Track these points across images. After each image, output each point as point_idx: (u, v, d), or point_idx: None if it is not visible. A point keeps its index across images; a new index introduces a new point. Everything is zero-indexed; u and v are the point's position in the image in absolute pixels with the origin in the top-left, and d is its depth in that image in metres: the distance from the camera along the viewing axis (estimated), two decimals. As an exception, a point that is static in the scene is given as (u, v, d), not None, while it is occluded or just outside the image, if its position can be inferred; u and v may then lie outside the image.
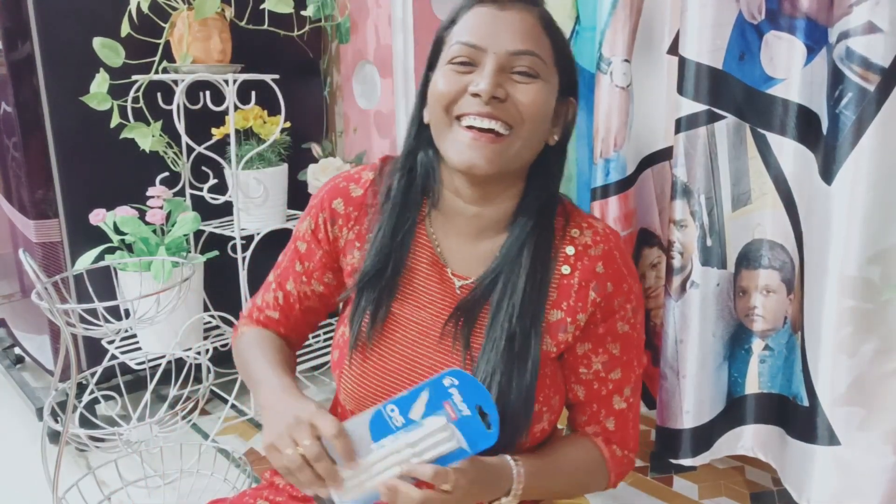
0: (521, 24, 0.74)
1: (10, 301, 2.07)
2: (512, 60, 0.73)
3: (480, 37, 0.73)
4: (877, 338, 1.00)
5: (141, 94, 1.65)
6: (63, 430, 1.25)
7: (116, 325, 1.34)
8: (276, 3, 1.67)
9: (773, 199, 1.15)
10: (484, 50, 0.73)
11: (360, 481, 0.67)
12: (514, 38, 0.73)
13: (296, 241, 0.90)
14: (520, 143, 0.75)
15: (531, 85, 0.74)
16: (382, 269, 0.80)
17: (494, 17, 0.74)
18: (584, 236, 0.82)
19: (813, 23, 1.05)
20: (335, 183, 0.87)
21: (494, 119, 0.73)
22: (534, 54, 0.74)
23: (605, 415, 0.84)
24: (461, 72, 0.74)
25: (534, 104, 0.74)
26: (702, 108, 1.10)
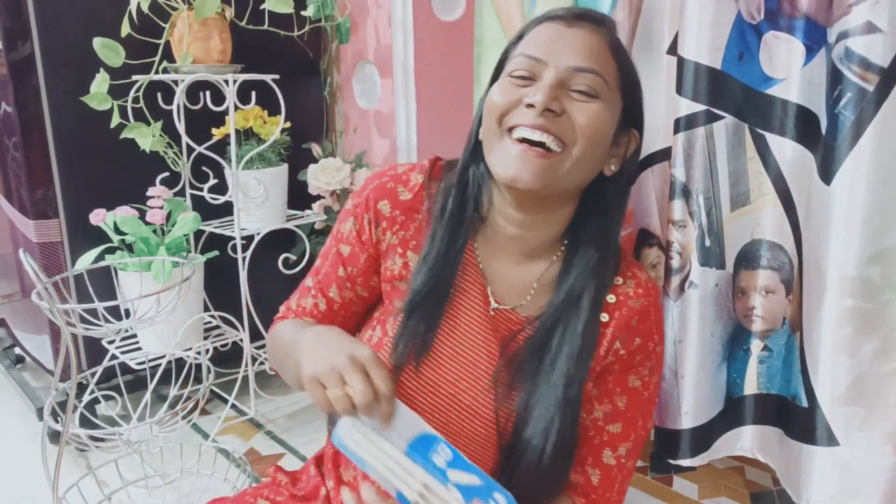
0: (586, 42, 0.72)
1: (11, 301, 2.08)
2: (573, 77, 0.71)
3: (543, 50, 0.72)
4: (877, 338, 1.00)
5: (141, 94, 1.66)
6: (63, 429, 1.25)
7: (116, 325, 1.35)
8: (276, 3, 1.67)
9: (772, 199, 1.15)
10: (545, 63, 0.71)
11: (365, 444, 0.65)
12: (577, 54, 0.71)
13: (339, 243, 0.85)
14: (570, 162, 0.72)
15: (590, 104, 0.71)
16: (434, 290, 0.77)
17: (561, 32, 0.72)
18: (626, 286, 0.79)
19: (812, 23, 1.05)
20: (381, 182, 0.82)
21: (547, 132, 0.70)
22: (596, 73, 0.71)
23: (591, 463, 0.80)
24: (519, 84, 0.72)
25: (590, 124, 0.71)
26: (701, 108, 1.10)
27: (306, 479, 0.92)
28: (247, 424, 1.83)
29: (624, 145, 0.79)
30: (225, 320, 1.72)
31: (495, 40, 1.48)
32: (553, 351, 0.75)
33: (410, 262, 0.80)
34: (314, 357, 0.66)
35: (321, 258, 0.88)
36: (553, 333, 0.76)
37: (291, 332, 0.80)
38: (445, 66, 1.81)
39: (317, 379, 0.64)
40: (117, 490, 1.43)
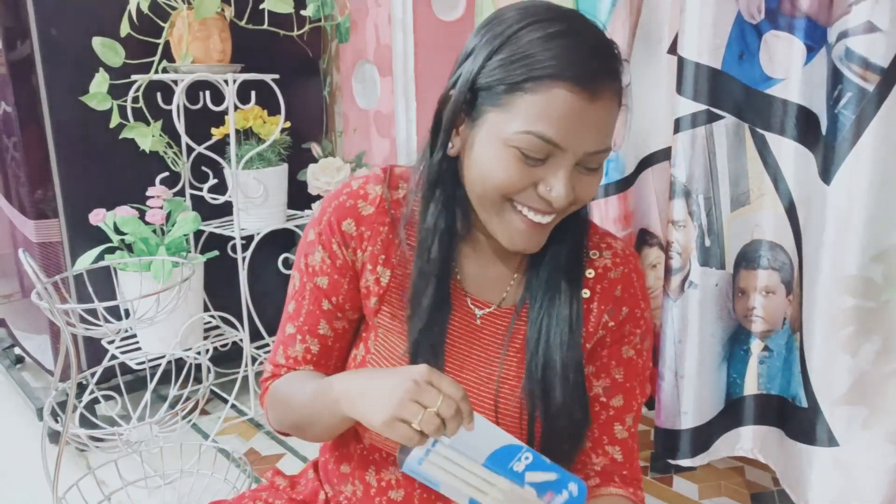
0: (606, 118, 0.65)
1: (10, 301, 2.08)
2: (588, 158, 0.66)
3: (564, 137, 0.63)
4: (878, 337, 1.00)
5: (141, 93, 1.66)
6: (63, 429, 1.25)
7: (116, 325, 1.35)
8: (276, 3, 1.67)
9: (772, 199, 1.14)
10: (563, 150, 0.64)
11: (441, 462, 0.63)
12: (598, 136, 0.65)
13: (313, 277, 0.80)
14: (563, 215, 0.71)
15: (594, 177, 0.68)
16: (429, 316, 0.75)
17: (583, 111, 0.62)
18: (603, 258, 0.78)
19: (812, 22, 1.05)
20: (340, 202, 0.78)
21: (553, 214, 0.68)
22: (608, 150, 0.67)
23: (608, 442, 0.80)
24: (531, 164, 0.65)
25: (593, 195, 0.70)
26: (701, 108, 1.10)
27: (305, 483, 0.92)
28: (247, 424, 1.83)
29: None
30: (225, 320, 1.72)
31: (495, 40, 1.47)
32: (546, 337, 0.75)
33: (381, 276, 0.77)
34: (377, 400, 0.62)
35: (294, 300, 0.82)
36: (541, 321, 0.75)
37: (302, 387, 0.77)
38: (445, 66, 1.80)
39: (395, 418, 0.60)
40: (117, 490, 1.43)
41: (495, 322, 0.79)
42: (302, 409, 0.75)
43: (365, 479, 0.82)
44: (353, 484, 0.83)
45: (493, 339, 0.78)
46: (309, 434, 0.78)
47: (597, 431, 0.80)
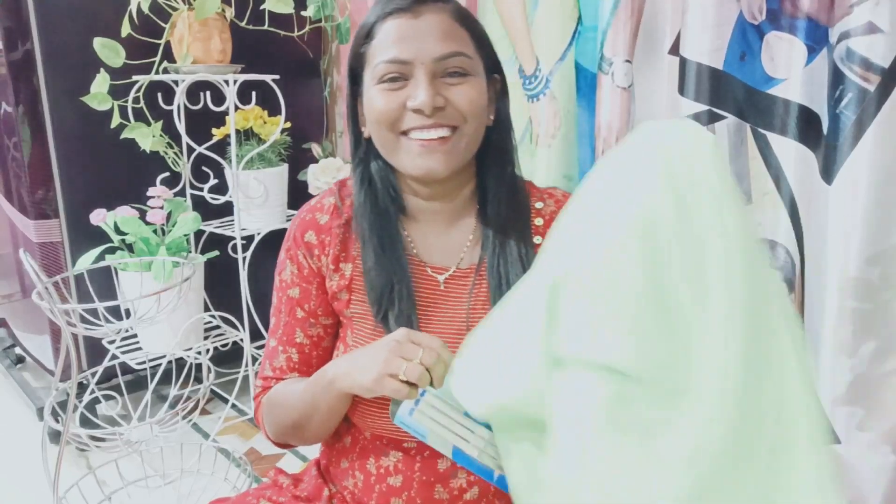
0: (439, 27, 0.74)
1: (11, 301, 2.07)
2: (441, 65, 0.74)
3: (403, 50, 0.73)
4: (877, 338, 1.01)
5: (141, 94, 1.66)
6: (64, 429, 1.25)
7: (117, 325, 1.35)
8: (277, 4, 1.67)
9: (774, 198, 1.15)
10: (411, 63, 0.74)
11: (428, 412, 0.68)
12: (436, 43, 0.74)
13: (286, 291, 0.86)
14: (465, 139, 0.77)
15: (465, 84, 0.75)
16: (391, 286, 0.80)
17: (411, 26, 0.74)
18: (548, 206, 0.86)
19: (814, 23, 1.06)
20: (301, 218, 0.86)
21: (439, 127, 0.75)
22: (459, 53, 0.75)
23: None
24: (394, 88, 0.75)
25: (472, 102, 0.76)
26: (703, 108, 1.11)
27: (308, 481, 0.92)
28: (247, 424, 1.83)
29: (493, 93, 0.83)
30: (225, 320, 1.72)
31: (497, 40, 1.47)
32: (506, 280, 0.80)
33: (345, 271, 0.83)
34: (365, 364, 0.68)
35: (274, 316, 0.88)
36: (498, 268, 0.81)
37: (293, 387, 0.82)
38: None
39: (383, 374, 0.65)
40: (117, 490, 1.43)
41: (458, 283, 0.83)
42: (298, 404, 0.80)
43: (365, 467, 0.84)
44: (353, 476, 0.85)
45: (459, 298, 0.83)
46: (308, 430, 0.82)
47: None
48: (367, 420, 0.81)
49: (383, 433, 0.81)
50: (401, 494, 0.82)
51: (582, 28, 1.37)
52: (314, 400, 0.77)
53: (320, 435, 0.84)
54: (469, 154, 0.79)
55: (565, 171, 1.43)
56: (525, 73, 1.45)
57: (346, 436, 0.87)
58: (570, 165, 1.44)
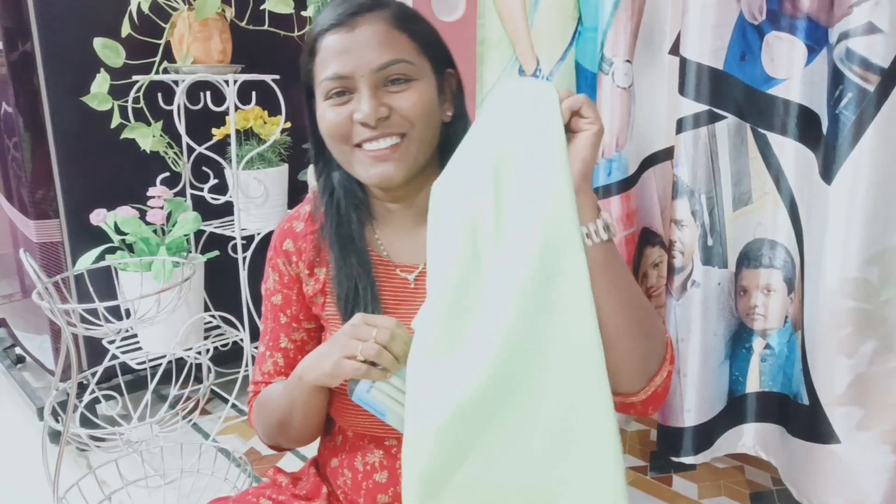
0: (374, 37, 0.75)
1: (11, 301, 2.07)
2: (381, 75, 0.75)
3: (342, 65, 0.75)
4: (876, 338, 1.01)
5: (141, 94, 1.65)
6: (64, 429, 1.25)
7: (117, 325, 1.34)
8: (277, 4, 1.67)
9: (774, 198, 1.15)
10: (351, 76, 0.75)
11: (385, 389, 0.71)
12: (373, 53, 0.74)
13: (269, 298, 0.90)
14: (417, 142, 0.77)
15: (408, 91, 0.76)
16: (355, 288, 0.82)
17: (347, 40, 0.75)
18: None
19: (813, 23, 1.06)
20: (280, 228, 0.90)
21: (387, 136, 0.76)
22: (398, 60, 0.75)
23: None
24: (340, 103, 0.76)
25: (416, 106, 0.76)
26: (703, 108, 1.11)
27: (306, 479, 0.93)
28: (247, 424, 1.83)
29: (448, 88, 0.83)
30: (225, 320, 1.72)
31: (497, 41, 1.48)
32: None
33: (319, 275, 0.86)
34: (325, 353, 0.72)
35: (262, 324, 0.92)
36: None
37: (276, 388, 0.85)
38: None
39: (341, 356, 0.69)
40: (118, 490, 1.43)
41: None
42: (279, 404, 0.82)
43: (353, 465, 0.86)
44: (343, 474, 0.88)
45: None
46: (292, 429, 0.83)
47: None
48: (347, 418, 0.83)
49: (364, 431, 0.83)
50: (387, 490, 0.83)
51: (582, 28, 1.37)
52: (291, 398, 0.80)
53: (304, 434, 0.85)
54: (423, 156, 0.80)
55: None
56: (525, 73, 1.45)
57: (338, 435, 0.90)
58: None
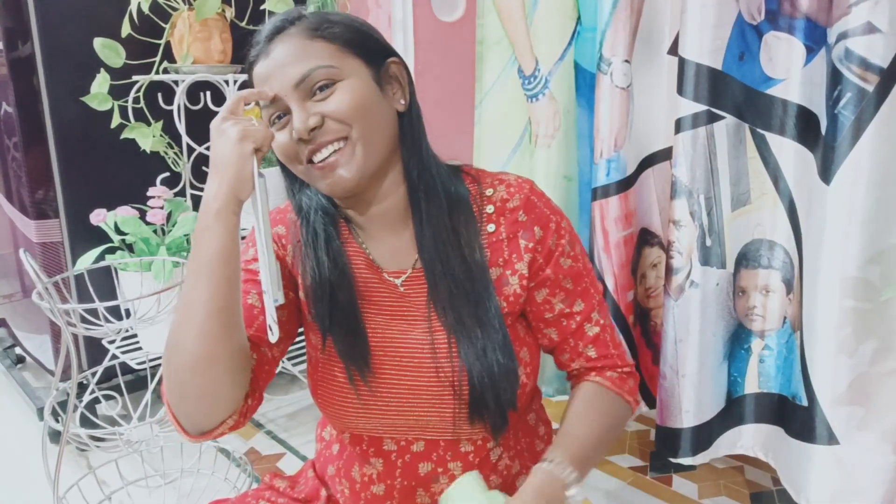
0: (287, 54, 0.75)
1: (11, 301, 2.07)
2: (302, 88, 0.74)
3: (269, 87, 0.75)
4: (876, 338, 1.01)
5: (141, 94, 1.66)
6: (64, 429, 1.25)
7: (117, 325, 1.35)
8: (277, 4, 1.67)
9: (773, 199, 1.15)
10: (279, 98, 0.75)
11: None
12: (288, 70, 0.74)
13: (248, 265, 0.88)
14: (360, 141, 0.76)
15: (335, 93, 0.75)
16: (331, 292, 0.81)
17: (267, 66, 0.75)
18: (498, 192, 0.83)
19: (812, 23, 1.06)
20: (273, 217, 0.92)
21: (326, 144, 0.75)
22: (315, 68, 0.74)
23: (583, 346, 0.85)
24: (283, 125, 0.76)
25: (347, 105, 0.75)
26: (701, 108, 1.11)
27: (304, 482, 0.93)
28: (247, 424, 1.83)
29: (396, 78, 0.81)
30: (225, 320, 1.71)
31: (496, 40, 1.48)
32: (449, 289, 0.79)
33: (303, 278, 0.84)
34: (222, 153, 0.72)
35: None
36: (434, 267, 0.80)
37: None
38: (445, 66, 1.81)
39: (238, 137, 0.71)
40: (118, 490, 1.44)
41: (417, 284, 0.82)
42: (182, 299, 0.73)
43: (350, 475, 0.85)
44: (340, 483, 0.87)
45: (420, 299, 0.82)
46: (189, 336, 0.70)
47: (571, 341, 0.85)
48: (343, 419, 0.82)
49: (362, 432, 0.83)
50: (384, 503, 0.83)
51: (581, 28, 1.37)
52: (195, 267, 0.71)
53: (209, 339, 0.70)
54: (375, 152, 0.77)
55: (565, 172, 1.43)
56: (524, 73, 1.45)
57: (335, 444, 0.88)
58: (570, 166, 1.44)
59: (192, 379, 0.71)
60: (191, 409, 0.73)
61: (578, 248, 0.85)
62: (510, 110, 1.48)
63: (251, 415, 0.78)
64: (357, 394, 0.80)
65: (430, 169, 0.82)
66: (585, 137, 1.41)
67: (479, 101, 1.53)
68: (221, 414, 0.74)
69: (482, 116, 1.53)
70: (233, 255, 0.71)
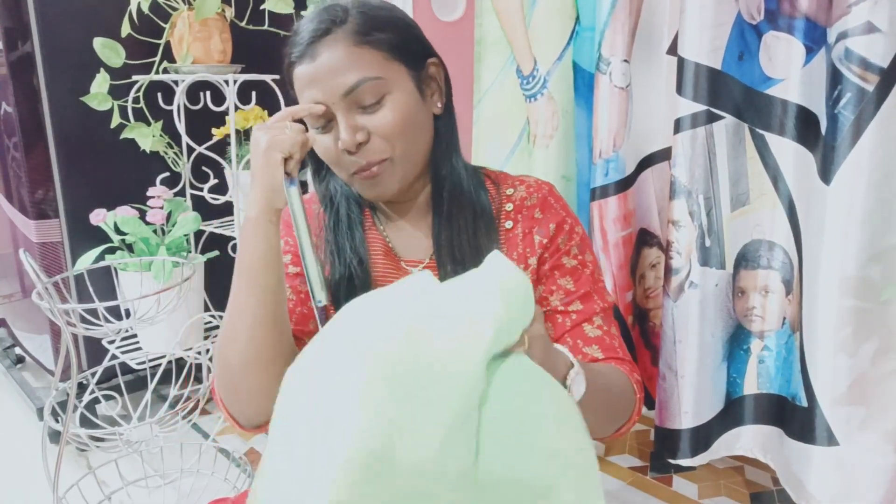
0: (335, 62, 0.73)
1: (11, 301, 2.08)
2: (350, 98, 0.74)
3: (314, 96, 0.75)
4: (877, 338, 1.01)
5: (141, 94, 1.66)
6: (63, 429, 1.25)
7: (117, 325, 1.35)
8: (276, 4, 1.67)
9: (772, 199, 1.15)
10: (326, 105, 0.75)
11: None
12: (337, 79, 0.73)
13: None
14: (403, 159, 0.77)
15: (381, 109, 0.75)
16: (349, 275, 0.83)
17: (311, 71, 0.74)
18: (518, 191, 0.86)
19: (812, 23, 1.06)
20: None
21: (373, 164, 0.76)
22: (364, 80, 0.73)
23: (583, 344, 0.83)
24: (327, 131, 0.77)
25: (394, 125, 0.75)
26: (701, 108, 1.11)
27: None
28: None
29: (434, 79, 0.82)
30: (225, 320, 1.71)
31: (495, 40, 1.48)
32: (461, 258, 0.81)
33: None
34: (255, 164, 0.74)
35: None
36: (448, 261, 0.81)
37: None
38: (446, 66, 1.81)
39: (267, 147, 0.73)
40: (117, 490, 1.44)
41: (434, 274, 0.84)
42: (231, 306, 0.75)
43: None
44: None
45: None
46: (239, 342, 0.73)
47: (569, 339, 0.84)
48: None
49: None
50: None
51: (580, 28, 1.37)
52: (239, 274, 0.74)
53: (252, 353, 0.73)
54: (415, 166, 0.80)
55: (563, 172, 1.43)
56: (523, 73, 1.45)
57: None
58: (568, 166, 1.44)
59: (243, 379, 0.74)
60: (243, 406, 0.77)
61: (589, 256, 0.86)
62: (508, 110, 1.48)
63: None
64: None
65: (458, 171, 0.84)
66: (584, 137, 1.41)
67: (477, 101, 1.53)
68: (272, 409, 0.76)
69: (480, 116, 1.53)
70: (273, 262, 0.74)
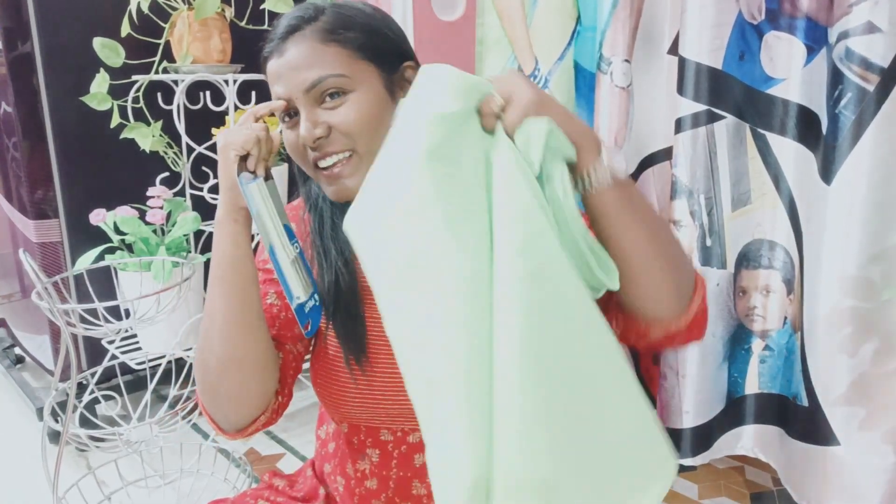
0: (299, 58, 0.73)
1: (10, 301, 2.07)
2: (313, 93, 0.73)
3: (280, 90, 0.75)
4: (877, 338, 1.01)
5: (141, 94, 1.65)
6: (63, 429, 1.25)
7: (117, 325, 1.34)
8: (276, 3, 1.67)
9: (773, 199, 1.15)
10: (290, 99, 0.74)
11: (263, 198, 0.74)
12: (299, 74, 0.73)
13: (264, 265, 0.87)
14: (368, 156, 0.75)
15: (342, 105, 0.74)
16: (336, 282, 0.81)
17: (280, 65, 0.75)
18: None
19: (813, 23, 1.06)
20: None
21: (331, 154, 0.75)
22: (326, 76, 0.73)
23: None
24: (291, 125, 0.76)
25: (354, 121, 0.74)
26: (702, 108, 1.11)
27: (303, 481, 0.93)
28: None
29: (409, 82, 0.80)
30: (225, 320, 1.71)
31: (496, 40, 1.48)
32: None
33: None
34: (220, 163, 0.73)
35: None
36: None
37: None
38: (445, 66, 1.81)
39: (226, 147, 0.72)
40: (117, 490, 1.43)
41: None
42: (207, 306, 0.76)
43: (345, 471, 0.85)
44: (335, 481, 0.87)
45: None
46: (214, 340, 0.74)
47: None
48: (341, 409, 0.82)
49: (359, 422, 0.82)
50: (380, 496, 0.83)
51: (581, 28, 1.37)
52: (211, 275, 0.74)
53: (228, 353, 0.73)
54: None
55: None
56: (524, 72, 1.45)
57: (331, 442, 0.89)
58: (570, 165, 1.44)
59: (220, 381, 0.74)
60: (224, 409, 0.76)
61: None
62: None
63: (283, 411, 0.80)
64: (354, 380, 0.80)
65: None
66: (585, 137, 1.41)
67: (478, 101, 1.53)
68: (253, 412, 0.76)
69: (482, 116, 1.53)
70: (240, 261, 0.73)
